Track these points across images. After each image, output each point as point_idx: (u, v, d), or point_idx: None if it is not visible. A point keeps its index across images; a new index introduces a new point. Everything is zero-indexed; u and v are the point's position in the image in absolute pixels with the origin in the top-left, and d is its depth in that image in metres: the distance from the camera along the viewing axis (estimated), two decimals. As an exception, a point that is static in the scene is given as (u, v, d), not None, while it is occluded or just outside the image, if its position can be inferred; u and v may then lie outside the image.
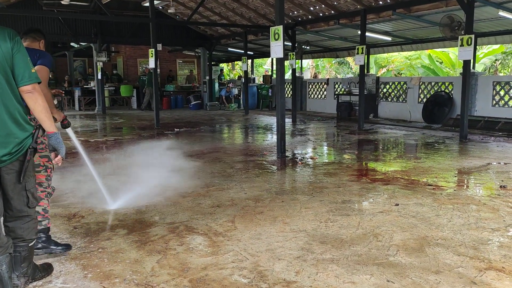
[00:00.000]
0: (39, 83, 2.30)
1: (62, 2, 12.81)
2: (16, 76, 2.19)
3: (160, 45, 12.36)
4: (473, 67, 11.15)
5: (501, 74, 19.53)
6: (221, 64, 24.40)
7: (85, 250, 3.10)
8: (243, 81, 15.94)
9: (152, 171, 5.78)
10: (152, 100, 15.82)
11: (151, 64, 11.45)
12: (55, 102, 3.01)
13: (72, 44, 18.65)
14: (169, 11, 15.90)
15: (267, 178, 5.35)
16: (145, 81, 16.92)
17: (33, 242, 2.47)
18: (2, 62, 2.14)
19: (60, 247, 3.04)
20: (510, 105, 9.94)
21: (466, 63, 8.51)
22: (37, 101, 2.27)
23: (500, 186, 4.78)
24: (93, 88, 17.25)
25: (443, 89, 11.35)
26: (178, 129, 10.65)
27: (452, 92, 11.01)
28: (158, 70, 13.27)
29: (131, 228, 3.57)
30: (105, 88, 16.83)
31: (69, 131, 3.43)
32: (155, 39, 11.18)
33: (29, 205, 2.36)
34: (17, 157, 2.23)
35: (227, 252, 3.03)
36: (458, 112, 9.86)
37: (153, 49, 11.15)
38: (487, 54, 18.81)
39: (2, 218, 2.35)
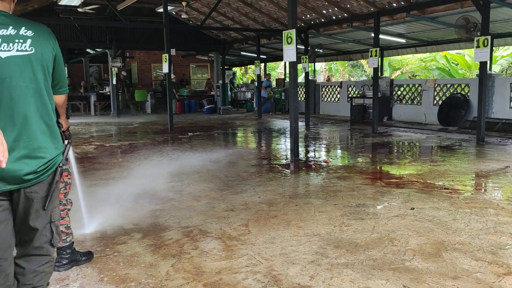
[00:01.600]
0: None
1: (79, 10, 13.02)
2: (54, 82, 1.93)
3: (174, 50, 12.46)
4: (490, 69, 10.99)
5: (519, 75, 19.17)
6: (234, 68, 24.50)
7: (101, 254, 3.13)
8: (256, 84, 15.98)
9: (165, 176, 5.82)
10: (129, 104, 16.36)
11: (165, 69, 11.54)
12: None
13: (88, 50, 18.93)
14: (182, 16, 16.04)
15: (280, 182, 5.34)
16: (128, 85, 16.89)
17: None
18: (44, 65, 1.83)
19: (84, 258, 2.99)
20: (528, 107, 9.76)
21: (483, 65, 8.39)
22: (64, 112, 2.16)
23: (519, 190, 4.69)
24: (108, 93, 17.47)
25: (459, 91, 11.20)
26: (191, 133, 10.70)
27: (468, 94, 10.86)
28: (172, 75, 13.37)
29: (146, 232, 3.60)
30: (119, 93, 17.02)
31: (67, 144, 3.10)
32: (168, 44, 11.27)
33: (52, 243, 1.92)
34: (44, 177, 1.83)
35: (241, 256, 3.03)
36: (475, 114, 9.72)
37: (167, 54, 11.24)
38: (504, 57, 18.52)
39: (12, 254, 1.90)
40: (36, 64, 1.78)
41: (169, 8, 12.68)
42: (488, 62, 9.71)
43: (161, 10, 12.17)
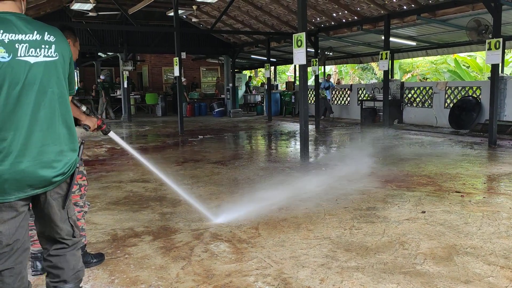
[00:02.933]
0: None
1: (90, 14, 13.18)
2: (68, 82, 1.98)
3: (184, 53, 12.55)
4: (502, 71, 10.88)
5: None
6: (244, 71, 24.55)
7: (112, 256, 3.16)
8: (266, 87, 16.00)
9: (175, 178, 5.85)
10: (108, 108, 16.45)
11: (176, 72, 11.62)
12: (84, 108, 2.89)
13: (99, 54, 19.15)
14: (193, 20, 16.15)
15: (290, 185, 5.34)
16: (107, 89, 16.81)
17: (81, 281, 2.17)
18: (65, 70, 1.91)
19: (95, 260, 2.99)
20: (542, 110, 9.64)
21: (494, 67, 8.31)
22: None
23: (532, 193, 4.63)
24: (119, 96, 17.62)
25: (470, 94, 11.10)
26: (202, 136, 10.75)
27: (480, 96, 10.75)
28: (183, 78, 13.44)
29: (156, 234, 3.62)
30: (130, 96, 17.18)
31: (112, 135, 3.06)
32: (179, 47, 11.35)
33: (74, 235, 2.08)
34: (66, 178, 1.95)
35: (251, 259, 3.04)
36: (487, 117, 9.62)
37: (178, 58, 11.31)
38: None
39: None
40: (60, 70, 1.86)
41: (180, 12, 12.78)
42: (500, 65, 9.62)
43: (171, 14, 12.29)
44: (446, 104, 11.67)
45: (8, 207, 1.80)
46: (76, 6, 12.15)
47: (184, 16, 15.68)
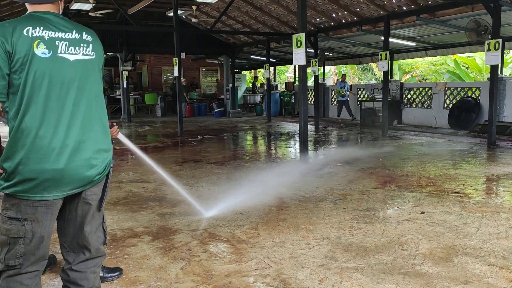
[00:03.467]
0: None
1: (90, 13, 13.18)
2: None
3: (184, 53, 12.55)
4: (501, 72, 10.89)
5: (531, 79, 18.95)
6: (244, 71, 24.55)
7: (111, 256, 3.16)
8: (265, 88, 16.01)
9: (175, 179, 5.85)
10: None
11: (175, 72, 11.61)
12: None
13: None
14: (192, 20, 16.14)
15: (290, 185, 5.34)
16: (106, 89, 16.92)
17: None
18: (101, 69, 1.94)
19: (109, 275, 2.78)
20: (541, 111, 9.65)
21: (494, 68, 8.32)
22: None
23: (531, 194, 4.64)
24: (118, 96, 17.62)
25: (469, 95, 11.11)
26: (201, 137, 10.75)
27: (479, 97, 10.76)
28: (183, 78, 13.45)
29: (155, 234, 3.62)
30: (130, 97, 17.17)
31: (120, 137, 2.98)
32: (179, 48, 11.35)
33: (105, 242, 1.99)
34: (103, 178, 1.90)
35: (251, 260, 3.04)
36: (486, 118, 9.63)
37: (177, 58, 11.31)
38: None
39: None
40: (96, 69, 1.88)
41: (179, 12, 12.77)
42: (499, 65, 9.62)
43: (171, 14, 12.29)
44: (446, 105, 11.68)
45: (44, 206, 1.76)
46: (75, 6, 12.15)
47: (184, 16, 15.67)
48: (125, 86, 16.09)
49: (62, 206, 1.85)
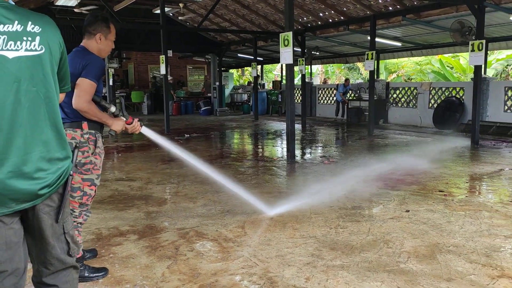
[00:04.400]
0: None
1: (75, 10, 13.01)
2: (59, 80, 1.70)
3: (171, 51, 12.47)
4: (485, 72, 11.07)
5: (513, 79, 19.32)
6: (231, 70, 24.50)
7: (98, 256, 3.12)
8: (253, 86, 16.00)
9: (161, 177, 5.82)
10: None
11: (162, 70, 11.53)
12: (113, 109, 2.67)
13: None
14: (179, 18, 16.05)
15: (277, 184, 5.35)
16: None
17: None
18: (54, 65, 1.63)
19: (94, 274, 2.74)
20: (523, 111, 9.84)
21: (477, 68, 8.45)
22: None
23: (513, 193, 4.73)
24: (105, 94, 17.42)
25: (454, 95, 11.27)
26: (188, 135, 10.70)
27: (463, 97, 10.93)
28: (169, 76, 13.37)
29: (141, 233, 3.60)
30: (116, 94, 17.01)
31: (144, 131, 2.98)
32: (165, 45, 11.27)
33: (70, 253, 1.75)
34: (57, 189, 1.66)
35: (237, 258, 3.04)
36: (469, 117, 9.78)
37: (164, 56, 11.24)
38: (499, 60, 18.65)
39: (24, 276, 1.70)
40: (46, 65, 1.58)
41: (166, 9, 12.70)
42: (483, 66, 9.78)
43: (158, 11, 12.19)
44: (430, 105, 11.83)
45: None
46: (60, 2, 11.99)
47: (171, 14, 15.59)
48: (111, 83, 15.93)
49: (24, 218, 1.65)
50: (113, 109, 2.69)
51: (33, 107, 1.54)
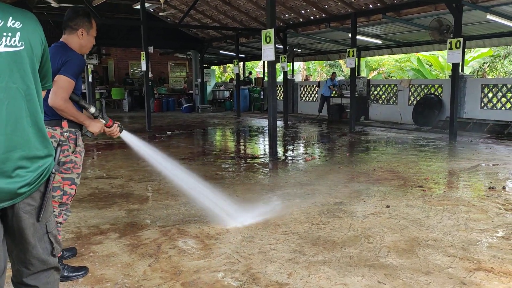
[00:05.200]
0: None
1: (53, 5, 12.74)
2: (40, 77, 1.67)
3: (152, 47, 12.34)
4: (462, 70, 11.29)
5: (489, 77, 19.77)
6: (213, 66, 24.39)
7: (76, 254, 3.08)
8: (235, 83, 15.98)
9: (142, 175, 5.77)
10: None
11: (143, 66, 11.40)
12: (92, 110, 2.62)
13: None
14: (160, 14, 15.86)
15: (259, 181, 5.37)
16: None
17: None
18: (34, 61, 1.59)
19: (74, 273, 2.70)
20: (498, 107, 10.08)
21: (455, 66, 8.61)
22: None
23: (489, 188, 4.85)
24: (84, 90, 17.15)
25: (432, 92, 11.47)
26: (170, 132, 10.62)
27: (441, 94, 11.13)
28: (150, 74, 13.24)
29: (122, 231, 3.56)
30: (96, 91, 16.76)
31: (124, 135, 2.98)
32: (146, 41, 11.15)
33: (54, 253, 1.73)
34: (38, 187, 1.62)
35: (220, 255, 3.04)
36: (447, 114, 9.98)
37: (145, 52, 11.12)
38: (475, 58, 19.06)
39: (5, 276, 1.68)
40: (26, 62, 1.56)
41: (147, 5, 12.53)
42: (460, 64, 9.98)
43: (138, 7, 12.03)
44: (410, 102, 12.02)
45: None
46: (37, -3, 11.73)
47: (151, 10, 15.40)
48: (90, 80, 15.67)
49: (3, 218, 1.62)
50: (92, 110, 2.63)
51: (13, 104, 1.51)
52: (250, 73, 22.23)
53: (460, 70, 9.61)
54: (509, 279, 2.62)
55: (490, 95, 10.24)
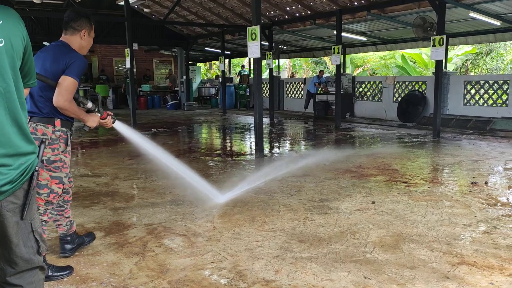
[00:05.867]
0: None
1: (35, 1, 12.51)
2: (23, 75, 1.64)
3: (136, 44, 12.21)
4: (445, 67, 11.44)
5: (472, 74, 20.09)
6: (198, 63, 24.25)
7: (60, 253, 3.04)
8: (220, 80, 15.92)
9: (127, 173, 5.72)
10: None
11: (127, 63, 11.28)
12: (90, 105, 2.69)
13: (45, 43, 18.20)
14: (144, 10, 15.72)
15: (245, 178, 5.36)
16: None
17: None
18: (15, 58, 1.56)
19: (58, 273, 2.70)
20: (480, 104, 10.25)
21: (438, 63, 8.72)
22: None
23: (472, 183, 4.93)
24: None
25: (416, 88, 11.60)
26: (155, 130, 10.54)
27: (425, 91, 11.26)
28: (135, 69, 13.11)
29: (108, 230, 3.53)
30: (80, 89, 16.52)
31: (117, 126, 3.10)
32: (130, 38, 11.04)
33: (39, 251, 1.70)
34: (21, 185, 1.60)
35: (206, 253, 3.03)
36: (431, 110, 10.10)
37: (129, 49, 11.00)
38: (459, 56, 19.34)
39: None
40: (6, 59, 1.52)
41: (131, 1, 12.39)
42: (444, 61, 10.10)
43: (122, 3, 11.88)
44: (395, 98, 12.13)
45: None
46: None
47: (136, 6, 15.24)
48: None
49: None
50: (89, 105, 2.69)
51: None
52: (243, 66, 22.11)
53: (443, 67, 9.74)
54: (492, 273, 2.67)
55: (472, 91, 10.41)
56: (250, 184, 4.92)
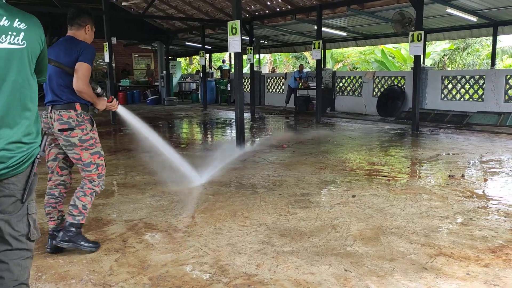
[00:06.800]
0: None
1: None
2: (37, 71, 1.88)
3: (115, 38, 12.01)
4: (423, 62, 11.63)
5: (449, 69, 20.47)
6: (179, 58, 24.03)
7: (38, 250, 2.98)
8: (201, 75, 15.81)
9: (107, 168, 5.63)
10: None
11: (106, 58, 11.09)
12: (99, 90, 2.97)
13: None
14: (123, 3, 15.46)
15: (226, 173, 5.35)
16: None
17: None
18: (32, 59, 1.79)
19: (87, 244, 2.96)
20: (457, 98, 10.46)
21: (417, 58, 8.85)
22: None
23: (449, 176, 5.03)
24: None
25: (396, 83, 11.75)
26: (135, 125, 10.40)
27: (404, 86, 11.43)
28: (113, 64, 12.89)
29: (87, 226, 3.47)
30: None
31: (120, 110, 3.42)
32: (109, 32, 10.86)
33: (29, 236, 1.81)
34: (22, 170, 1.75)
35: (188, 248, 3.02)
36: (410, 105, 10.26)
37: (107, 43, 10.81)
38: (437, 52, 19.67)
39: None
40: (25, 59, 1.77)
41: (109, -6, 12.18)
42: (422, 56, 10.26)
43: (100, -4, 11.65)
44: (374, 93, 12.27)
45: None
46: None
47: (114, -1, 14.99)
48: (50, 71, 15.13)
49: None
50: (99, 90, 2.96)
51: (8, 94, 1.71)
52: (224, 61, 22.00)
53: (421, 62, 9.89)
54: (468, 263, 2.73)
55: (450, 86, 10.61)
56: (231, 181, 4.91)
